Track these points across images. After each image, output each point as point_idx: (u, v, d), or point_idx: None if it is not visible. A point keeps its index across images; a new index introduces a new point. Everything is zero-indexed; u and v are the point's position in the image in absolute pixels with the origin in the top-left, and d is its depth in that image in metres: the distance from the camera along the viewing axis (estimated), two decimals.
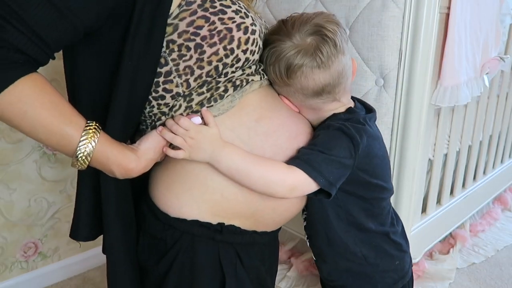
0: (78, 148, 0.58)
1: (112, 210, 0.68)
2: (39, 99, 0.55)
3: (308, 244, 0.88)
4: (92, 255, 1.55)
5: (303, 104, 0.75)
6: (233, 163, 0.66)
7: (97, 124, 0.60)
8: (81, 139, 0.58)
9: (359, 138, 0.70)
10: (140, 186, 0.75)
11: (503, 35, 1.44)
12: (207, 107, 0.67)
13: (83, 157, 0.59)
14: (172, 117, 0.68)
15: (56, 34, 0.54)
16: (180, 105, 0.67)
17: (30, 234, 1.40)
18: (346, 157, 0.69)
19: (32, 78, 0.55)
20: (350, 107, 0.77)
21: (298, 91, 0.72)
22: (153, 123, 0.70)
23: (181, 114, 0.67)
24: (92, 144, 0.59)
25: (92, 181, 0.68)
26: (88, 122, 0.60)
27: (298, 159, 0.68)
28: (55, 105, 0.56)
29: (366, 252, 0.81)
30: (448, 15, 1.05)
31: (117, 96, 0.61)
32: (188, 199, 0.68)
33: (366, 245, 0.81)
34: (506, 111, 1.77)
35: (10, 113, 0.54)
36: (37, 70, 0.58)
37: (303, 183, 0.67)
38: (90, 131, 0.59)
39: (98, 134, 0.59)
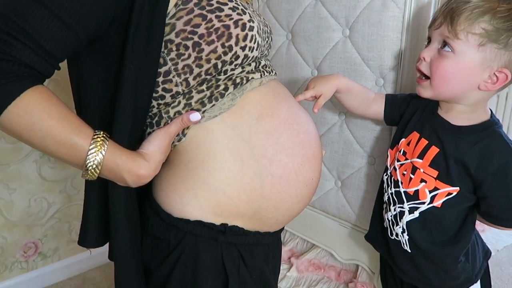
0: (87, 158, 0.58)
1: (121, 215, 0.68)
2: (46, 110, 0.55)
3: (410, 245, 0.89)
4: (92, 255, 1.55)
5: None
6: None
7: (105, 133, 0.60)
8: (90, 148, 0.58)
9: None
10: (143, 188, 0.75)
11: None
12: (210, 107, 0.66)
13: (93, 167, 0.58)
14: (169, 113, 0.67)
15: (61, 45, 0.55)
16: (179, 102, 0.67)
17: (30, 234, 1.40)
18: None
19: (38, 90, 0.55)
20: (490, 118, 0.84)
21: None
22: (152, 121, 0.69)
23: (180, 111, 0.67)
24: (102, 153, 0.58)
25: (101, 186, 0.68)
26: (96, 131, 0.59)
27: None
28: (63, 115, 0.56)
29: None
30: None
31: (121, 101, 0.61)
32: (191, 198, 0.68)
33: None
34: (506, 111, 1.77)
35: (18, 126, 0.54)
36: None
37: None
38: (99, 139, 0.58)
39: (107, 143, 0.59)
